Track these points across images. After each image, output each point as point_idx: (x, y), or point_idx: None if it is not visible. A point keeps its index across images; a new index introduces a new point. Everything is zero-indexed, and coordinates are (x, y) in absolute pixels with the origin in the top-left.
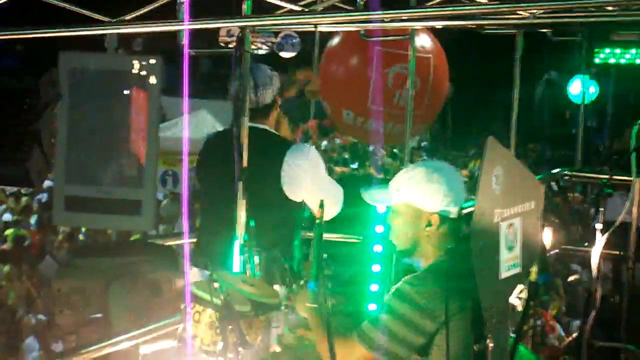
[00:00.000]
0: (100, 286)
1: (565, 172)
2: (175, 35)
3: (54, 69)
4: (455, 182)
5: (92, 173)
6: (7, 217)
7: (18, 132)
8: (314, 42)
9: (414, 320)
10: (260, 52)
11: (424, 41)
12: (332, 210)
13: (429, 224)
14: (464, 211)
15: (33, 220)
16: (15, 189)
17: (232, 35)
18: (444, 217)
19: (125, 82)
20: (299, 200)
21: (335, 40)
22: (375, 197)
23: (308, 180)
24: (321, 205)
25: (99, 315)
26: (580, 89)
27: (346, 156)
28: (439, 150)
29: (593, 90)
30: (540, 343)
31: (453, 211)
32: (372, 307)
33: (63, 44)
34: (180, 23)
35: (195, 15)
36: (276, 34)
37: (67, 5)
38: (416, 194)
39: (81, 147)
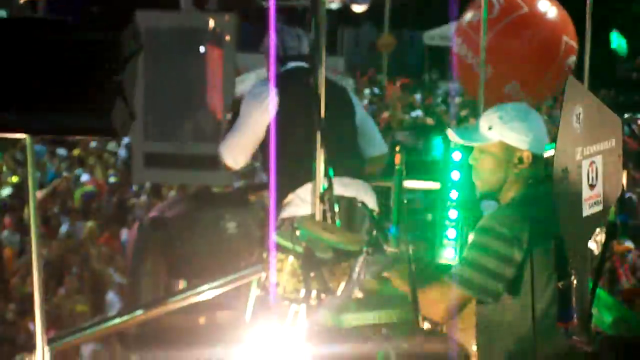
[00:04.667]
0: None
1: (638, 117)
2: None
3: (135, 22)
4: (540, 121)
5: (170, 129)
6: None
7: (101, 84)
8: None
9: (500, 250)
10: (333, 5)
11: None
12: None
13: (520, 162)
14: (546, 153)
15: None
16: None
17: None
18: (535, 155)
19: (200, 39)
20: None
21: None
22: (465, 136)
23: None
24: (400, 151)
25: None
26: None
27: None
28: None
29: None
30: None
31: (540, 150)
32: (449, 253)
33: (137, 3)
34: None
35: None
36: None
37: None
38: (509, 131)
39: (158, 105)
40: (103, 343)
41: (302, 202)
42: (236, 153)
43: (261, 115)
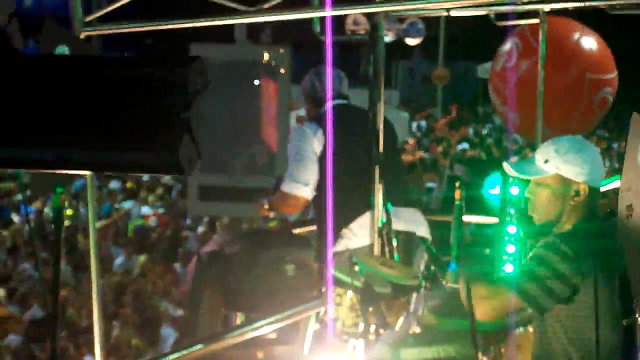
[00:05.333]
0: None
1: None
2: (301, 24)
3: (202, 58)
4: (596, 154)
5: (224, 162)
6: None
7: (168, 121)
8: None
9: (557, 266)
10: (387, 38)
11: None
12: None
13: (577, 194)
14: (604, 188)
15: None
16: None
17: (358, 24)
18: (591, 188)
19: (255, 72)
20: None
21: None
22: (522, 170)
23: None
24: (459, 187)
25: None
26: None
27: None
28: None
29: None
30: None
31: (596, 183)
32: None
33: (190, 36)
34: (321, 10)
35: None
36: (401, 20)
37: None
38: (565, 164)
39: (213, 137)
40: None
41: (354, 235)
42: (306, 178)
43: (312, 147)
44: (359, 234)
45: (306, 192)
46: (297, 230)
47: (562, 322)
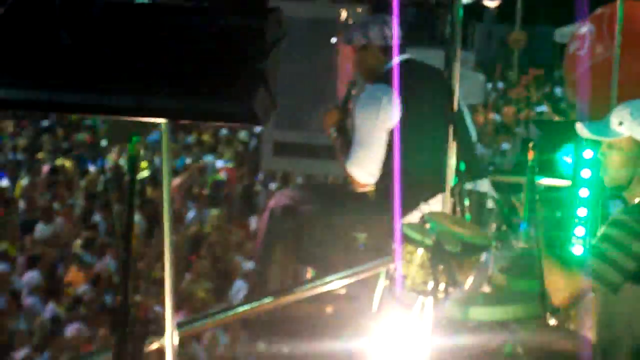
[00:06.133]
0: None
1: None
2: None
3: (279, 8)
4: None
5: (300, 119)
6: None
7: (244, 71)
8: None
9: (630, 245)
10: (464, 0)
11: None
12: None
13: None
14: None
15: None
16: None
17: None
18: None
19: (332, 30)
20: None
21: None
22: (595, 131)
23: None
24: (533, 147)
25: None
26: None
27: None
28: None
29: None
30: None
31: None
32: (577, 249)
33: None
34: None
35: None
36: None
37: None
38: (639, 127)
39: (289, 93)
40: (225, 330)
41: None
42: (371, 167)
43: (384, 123)
44: (435, 206)
45: (370, 180)
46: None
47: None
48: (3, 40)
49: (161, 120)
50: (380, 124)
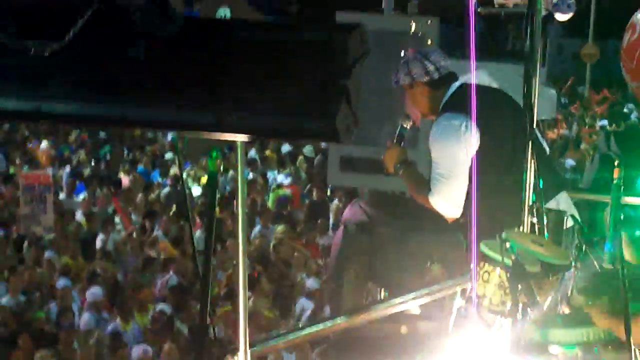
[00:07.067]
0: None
1: None
2: None
3: (363, 25)
4: None
5: (367, 133)
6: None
7: (327, 87)
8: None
9: None
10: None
11: None
12: None
13: None
14: None
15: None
16: None
17: None
18: None
19: (402, 42)
20: None
21: None
22: None
23: None
24: (619, 165)
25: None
26: None
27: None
28: None
29: None
30: None
31: None
32: None
33: (336, 4)
34: None
35: None
36: None
37: None
38: None
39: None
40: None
41: None
42: (457, 200)
43: (466, 152)
44: None
45: (456, 213)
46: None
47: None
48: (79, 54)
49: (240, 138)
50: (461, 152)
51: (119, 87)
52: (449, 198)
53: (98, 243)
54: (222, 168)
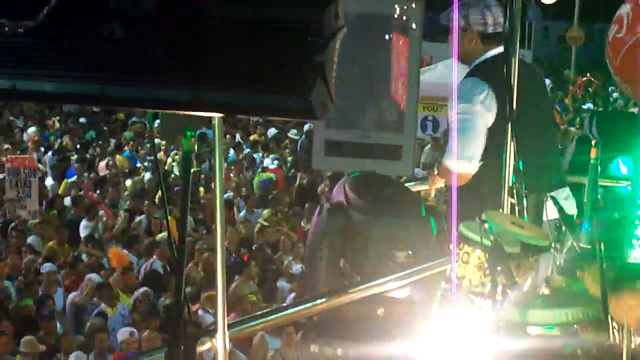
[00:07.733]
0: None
1: None
2: None
3: (338, 1)
4: None
5: (352, 117)
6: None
7: (301, 64)
8: None
9: None
10: None
11: None
12: None
13: None
14: None
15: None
16: None
17: None
18: None
19: (386, 26)
20: None
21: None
22: None
23: None
24: (596, 145)
25: None
26: None
27: None
28: None
29: None
30: None
31: None
32: (638, 253)
33: None
34: None
35: None
36: None
37: None
38: None
39: (341, 91)
40: (275, 331)
41: None
42: (469, 152)
43: (482, 116)
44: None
45: (470, 168)
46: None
47: None
48: (54, 33)
49: (215, 115)
50: (475, 119)
51: (94, 64)
52: (460, 152)
53: (82, 230)
54: (196, 147)
